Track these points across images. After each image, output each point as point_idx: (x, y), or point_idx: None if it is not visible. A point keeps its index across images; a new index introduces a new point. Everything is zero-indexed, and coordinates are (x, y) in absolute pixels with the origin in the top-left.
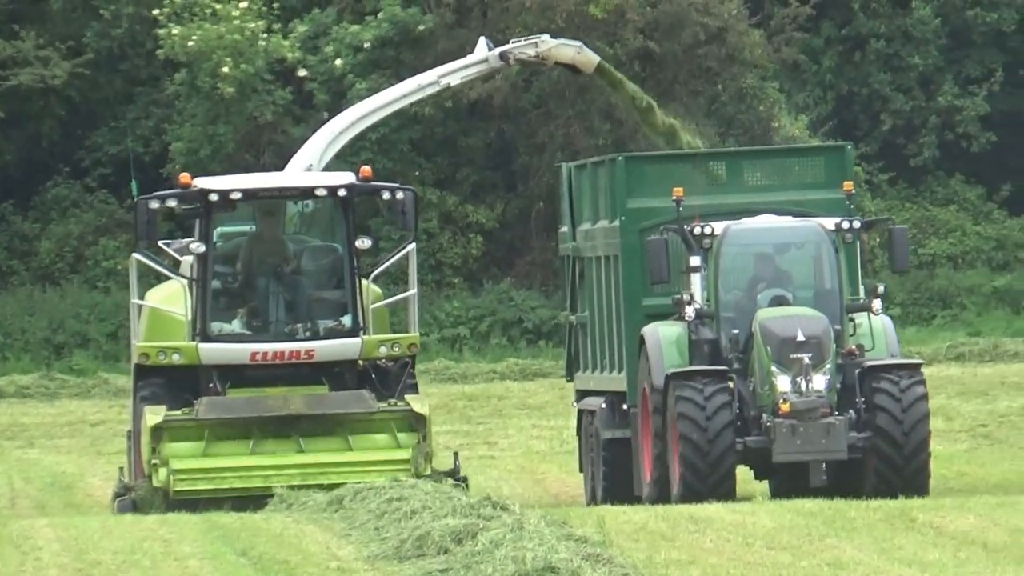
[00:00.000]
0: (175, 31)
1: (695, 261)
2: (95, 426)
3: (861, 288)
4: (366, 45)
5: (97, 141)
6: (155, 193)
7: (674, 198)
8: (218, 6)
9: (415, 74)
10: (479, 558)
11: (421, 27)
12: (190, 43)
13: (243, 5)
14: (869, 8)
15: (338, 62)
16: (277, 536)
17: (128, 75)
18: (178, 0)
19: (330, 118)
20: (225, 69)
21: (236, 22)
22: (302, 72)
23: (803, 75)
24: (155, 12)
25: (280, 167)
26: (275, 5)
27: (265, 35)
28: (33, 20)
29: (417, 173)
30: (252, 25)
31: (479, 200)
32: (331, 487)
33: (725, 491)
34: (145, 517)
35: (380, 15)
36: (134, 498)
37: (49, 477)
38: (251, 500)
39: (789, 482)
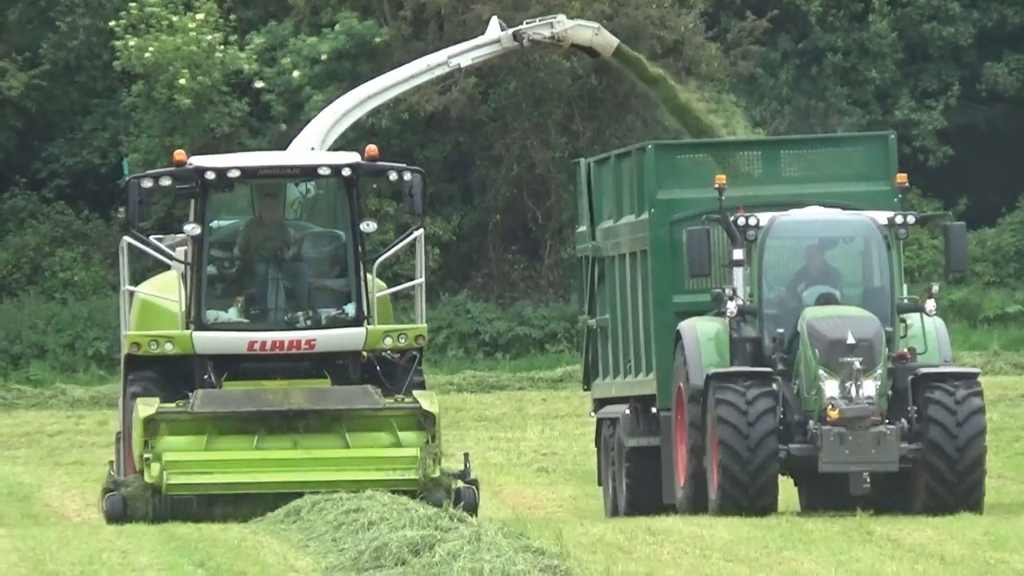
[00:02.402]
0: (132, 43)
1: (738, 254)
2: (53, 436)
3: (904, 287)
4: (323, 57)
5: (54, 152)
6: (148, 172)
7: (716, 186)
8: (175, 18)
9: None
10: (437, 569)
11: (378, 39)
12: (147, 55)
13: (200, 17)
14: (826, 22)
15: (295, 74)
16: (235, 547)
17: (84, 86)
18: (134, 12)
19: (287, 130)
20: (182, 81)
21: (193, 34)
22: (259, 84)
23: (760, 88)
24: (112, 24)
25: None
26: (232, 17)
27: (222, 47)
28: None
29: (375, 185)
30: (209, 37)
31: (436, 212)
32: (335, 487)
33: (767, 502)
34: (103, 528)
35: (337, 27)
36: (124, 495)
37: (6, 488)
38: (247, 498)
39: (827, 491)
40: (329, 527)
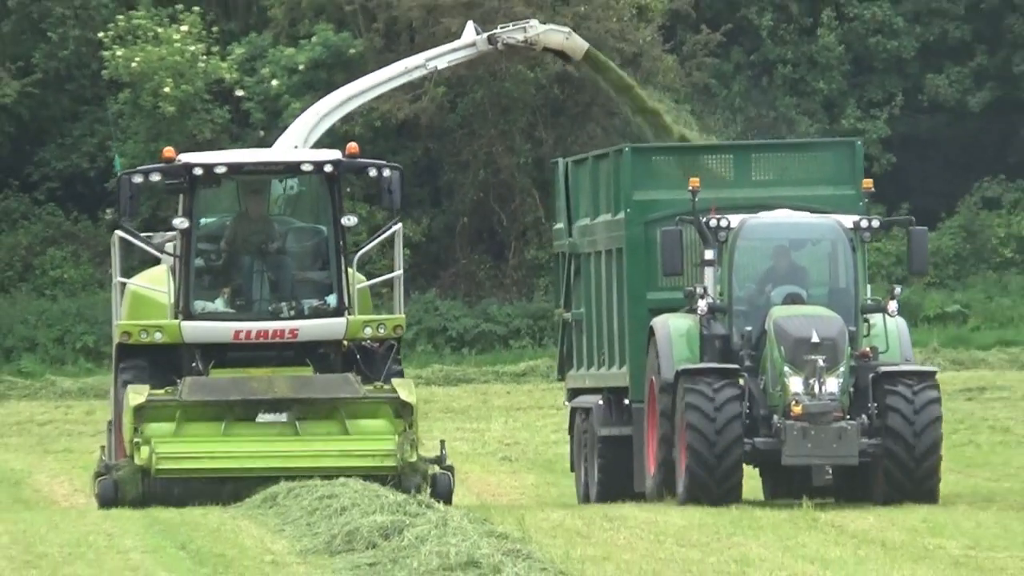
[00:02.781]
0: (119, 53)
1: (710, 254)
2: (42, 426)
3: (868, 288)
4: (300, 67)
5: (45, 157)
6: (138, 168)
7: (691, 188)
8: (160, 30)
9: None
10: (405, 553)
11: (352, 50)
12: (133, 64)
13: (184, 29)
14: (777, 35)
15: (274, 83)
16: (215, 531)
17: (74, 94)
18: (122, 24)
19: (266, 137)
20: (166, 89)
21: (177, 45)
22: (239, 92)
23: (714, 98)
24: (100, 35)
25: None
26: (214, 29)
27: (204, 57)
28: None
29: (348, 189)
30: (192, 48)
31: (406, 214)
32: (318, 472)
33: (731, 491)
34: (90, 512)
35: (314, 39)
36: (115, 478)
37: None
38: (230, 481)
39: (790, 481)
40: (304, 512)
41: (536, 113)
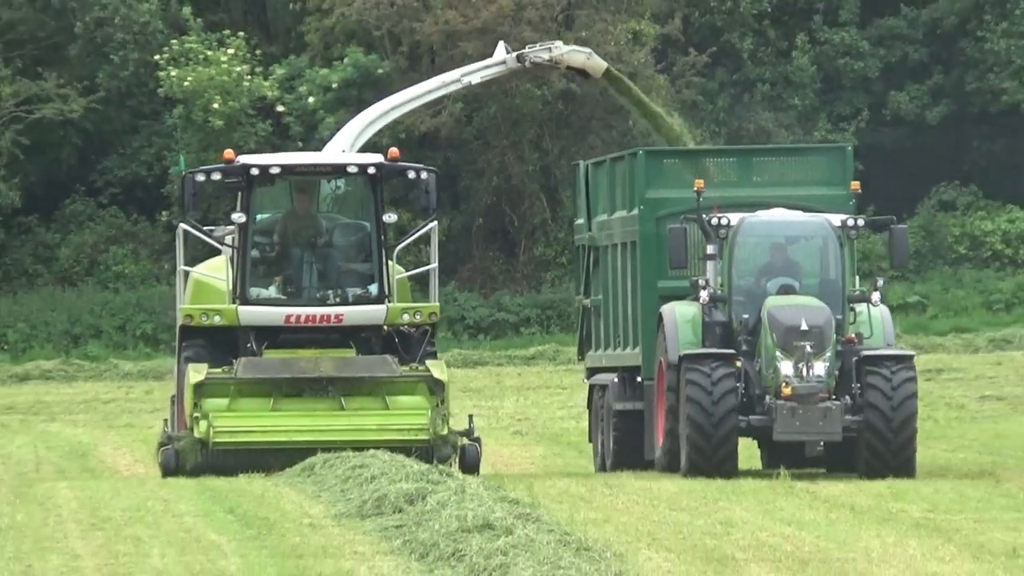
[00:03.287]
0: (173, 73)
1: (711, 249)
2: (107, 403)
3: (856, 280)
4: (334, 86)
5: (108, 166)
6: (201, 167)
7: (695, 189)
8: (209, 52)
9: None
10: (428, 516)
11: (380, 71)
12: (186, 83)
13: (231, 52)
14: (756, 57)
15: (311, 100)
16: (259, 497)
17: (134, 110)
18: (176, 47)
19: (303, 148)
20: (215, 105)
21: (224, 66)
22: (280, 108)
23: (700, 113)
24: (156, 57)
25: None
26: (257, 52)
27: (249, 77)
28: (54, 63)
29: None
30: (238, 68)
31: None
32: (359, 445)
33: (727, 466)
34: (148, 480)
35: (346, 60)
36: (176, 448)
37: (68, 447)
38: (284, 453)
39: (785, 453)
40: (338, 480)
41: (543, 126)
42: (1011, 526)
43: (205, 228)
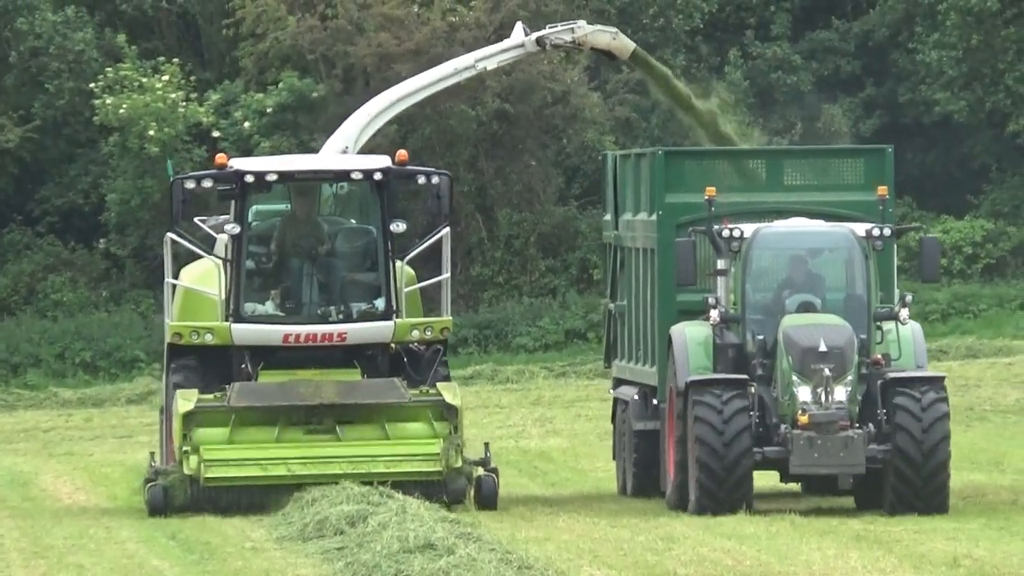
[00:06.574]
0: (108, 101)
1: (722, 264)
2: (47, 432)
3: (896, 294)
4: (268, 110)
5: (45, 194)
6: (191, 173)
7: (706, 197)
8: (144, 79)
9: (309, 134)
10: (369, 537)
11: (315, 94)
12: (121, 111)
13: (165, 78)
14: (689, 73)
15: (246, 124)
16: (200, 521)
17: (70, 138)
18: (110, 75)
19: None
20: (151, 132)
21: (159, 92)
22: (216, 133)
23: (635, 131)
24: (92, 85)
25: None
26: (192, 78)
27: (184, 103)
28: None
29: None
30: (173, 95)
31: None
32: (365, 478)
33: (741, 500)
34: (89, 508)
35: (280, 85)
36: (164, 485)
37: (8, 476)
38: (282, 489)
39: (817, 482)
40: (279, 504)
41: (477, 147)
42: (951, 536)
43: (198, 218)
